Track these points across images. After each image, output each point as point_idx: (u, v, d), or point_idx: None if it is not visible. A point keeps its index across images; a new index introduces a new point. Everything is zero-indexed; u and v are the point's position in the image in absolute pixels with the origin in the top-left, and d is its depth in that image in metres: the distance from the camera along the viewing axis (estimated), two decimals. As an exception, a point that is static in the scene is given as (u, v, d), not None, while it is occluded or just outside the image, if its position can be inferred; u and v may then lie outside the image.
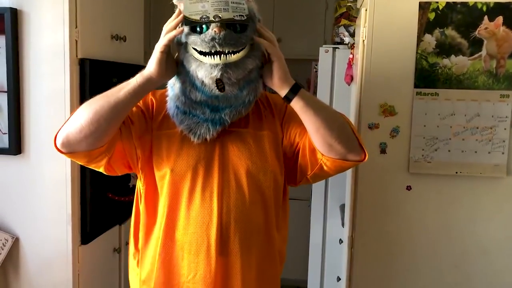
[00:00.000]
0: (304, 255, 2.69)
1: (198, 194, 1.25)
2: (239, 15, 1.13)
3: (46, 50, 1.85)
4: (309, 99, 1.20)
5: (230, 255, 1.26)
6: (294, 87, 1.19)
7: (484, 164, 1.71)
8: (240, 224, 1.26)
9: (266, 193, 1.29)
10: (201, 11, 1.13)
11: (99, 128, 1.15)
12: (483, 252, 1.76)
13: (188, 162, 1.25)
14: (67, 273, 1.93)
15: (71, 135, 1.17)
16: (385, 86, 1.73)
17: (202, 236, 1.25)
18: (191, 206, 1.25)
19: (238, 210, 1.25)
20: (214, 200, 1.24)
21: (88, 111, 1.15)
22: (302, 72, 3.92)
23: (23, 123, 1.88)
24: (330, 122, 1.20)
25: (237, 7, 1.15)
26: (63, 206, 1.89)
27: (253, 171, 1.26)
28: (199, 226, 1.25)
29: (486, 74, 1.68)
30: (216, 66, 1.14)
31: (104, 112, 1.14)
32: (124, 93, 1.15)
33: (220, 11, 1.13)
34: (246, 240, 1.27)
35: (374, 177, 1.77)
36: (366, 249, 1.81)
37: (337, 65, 2.38)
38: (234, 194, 1.25)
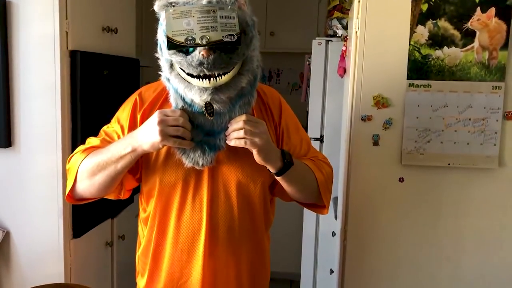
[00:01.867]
0: (297, 249, 2.70)
1: (188, 205, 1.25)
2: (228, 34, 1.01)
3: (36, 41, 1.82)
4: (290, 178, 1.23)
5: (219, 262, 1.27)
6: (281, 170, 1.20)
7: (477, 156, 1.71)
8: (229, 232, 1.26)
9: (256, 202, 1.29)
10: (186, 30, 1.01)
11: (107, 189, 1.25)
12: (475, 243, 1.77)
13: (177, 173, 1.24)
14: (58, 266, 1.91)
15: (84, 196, 1.29)
16: (378, 78, 1.73)
17: (193, 244, 1.26)
18: (181, 217, 1.26)
19: (227, 219, 1.26)
20: (204, 210, 1.24)
21: (93, 181, 1.22)
22: (295, 65, 3.93)
23: (13, 116, 1.86)
24: (302, 191, 1.29)
25: (227, 23, 1.03)
26: (54, 199, 1.87)
27: (243, 181, 1.25)
28: (190, 235, 1.26)
29: (478, 65, 1.68)
30: (205, 89, 1.09)
31: (107, 181, 1.21)
32: (121, 166, 1.18)
33: (208, 30, 1.01)
34: (236, 248, 1.28)
35: (367, 169, 1.77)
36: (359, 241, 1.82)
37: (330, 57, 2.38)
38: (223, 204, 1.25)
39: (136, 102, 1.27)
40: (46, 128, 1.85)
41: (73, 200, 1.31)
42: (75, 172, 1.24)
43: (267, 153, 1.16)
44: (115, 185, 1.25)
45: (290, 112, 1.35)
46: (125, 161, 1.17)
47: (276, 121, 1.30)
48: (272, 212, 1.39)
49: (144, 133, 1.13)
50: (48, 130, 1.84)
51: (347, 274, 1.84)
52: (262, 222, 1.33)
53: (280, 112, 1.31)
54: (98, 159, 1.20)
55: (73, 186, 1.26)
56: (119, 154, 1.17)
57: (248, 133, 1.12)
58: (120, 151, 1.17)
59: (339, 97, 2.26)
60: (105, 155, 1.19)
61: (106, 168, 1.18)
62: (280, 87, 4.11)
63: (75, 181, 1.25)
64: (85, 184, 1.24)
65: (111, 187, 1.24)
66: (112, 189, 1.27)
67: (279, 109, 1.31)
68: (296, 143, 1.31)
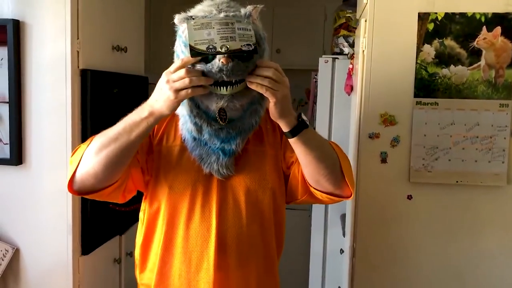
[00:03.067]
0: (305, 266, 2.69)
1: (197, 212, 1.25)
2: (246, 44, 1.07)
3: (48, 61, 1.85)
4: (306, 140, 1.18)
5: (229, 271, 1.26)
6: (295, 128, 1.16)
7: (485, 173, 1.71)
8: (238, 241, 1.26)
9: (265, 210, 1.29)
10: (207, 39, 1.07)
11: (113, 171, 1.17)
12: (485, 261, 1.76)
13: (186, 180, 1.25)
14: (67, 283, 1.92)
15: (87, 181, 1.19)
16: (385, 96, 1.74)
17: (202, 253, 1.25)
18: (190, 224, 1.25)
19: (236, 227, 1.26)
20: (213, 218, 1.24)
21: (100, 157, 1.15)
22: (302, 82, 3.94)
23: (25, 134, 1.89)
24: (321, 161, 1.21)
25: (244, 34, 1.09)
26: (63, 216, 1.88)
27: (252, 189, 1.26)
28: (199, 244, 1.25)
29: (485, 83, 1.70)
30: (222, 97, 1.13)
31: (116, 156, 1.14)
32: (135, 135, 1.13)
33: (227, 40, 1.07)
34: (245, 257, 1.28)
35: (375, 187, 1.78)
36: (368, 258, 1.81)
37: (336, 75, 2.39)
38: (232, 212, 1.25)
39: None
40: (56, 146, 1.87)
41: (74, 190, 1.23)
42: (80, 155, 1.19)
43: (284, 108, 1.14)
44: (125, 164, 1.18)
45: None
46: (140, 129, 1.12)
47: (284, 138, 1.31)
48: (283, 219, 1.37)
49: (158, 97, 1.11)
50: (59, 148, 1.86)
51: (355, 291, 1.83)
52: (272, 231, 1.32)
53: None
54: (108, 133, 1.16)
55: (75, 171, 1.19)
56: (134, 121, 1.13)
57: (272, 83, 1.10)
58: (135, 119, 1.13)
59: (346, 114, 2.27)
60: (118, 127, 1.15)
61: (118, 140, 1.13)
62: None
63: (78, 164, 1.18)
64: (92, 163, 1.16)
65: (120, 165, 1.17)
66: (120, 171, 1.19)
67: None
68: None
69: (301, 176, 1.29)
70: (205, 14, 1.14)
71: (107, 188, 1.22)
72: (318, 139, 1.23)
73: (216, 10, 1.14)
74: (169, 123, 1.31)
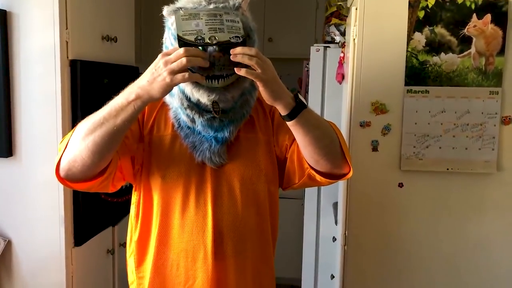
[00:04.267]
0: (298, 254, 2.70)
1: (192, 201, 1.24)
2: (235, 36, 1.06)
3: (37, 51, 1.84)
4: (305, 121, 1.14)
5: (226, 259, 1.26)
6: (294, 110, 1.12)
7: (475, 161, 1.72)
8: (234, 229, 1.26)
9: (260, 196, 1.29)
10: (195, 30, 1.06)
11: (101, 156, 1.11)
12: (475, 247, 1.78)
13: (179, 169, 1.24)
14: (60, 275, 1.92)
15: (74, 168, 1.13)
16: (376, 84, 1.74)
17: (199, 243, 1.24)
18: (185, 214, 1.24)
19: (232, 215, 1.25)
20: (209, 206, 1.24)
21: (86, 143, 1.09)
22: (294, 71, 3.94)
23: (14, 125, 1.87)
24: (320, 140, 1.18)
25: (232, 26, 1.08)
26: (55, 207, 1.88)
27: (246, 176, 1.26)
28: (194, 233, 1.24)
29: (475, 71, 1.70)
30: (214, 90, 1.13)
31: (104, 142, 1.08)
32: (122, 120, 1.07)
33: (216, 31, 1.06)
34: (241, 244, 1.27)
35: (366, 175, 1.78)
36: (360, 246, 1.83)
37: (328, 64, 2.39)
38: (227, 199, 1.25)
39: None
40: (47, 137, 1.86)
41: (61, 178, 1.16)
42: (67, 140, 1.14)
43: (275, 89, 1.09)
44: (111, 150, 1.12)
45: None
46: (127, 114, 1.06)
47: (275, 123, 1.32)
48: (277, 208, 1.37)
49: (150, 79, 1.04)
50: (49, 139, 1.85)
51: (348, 279, 1.85)
52: (267, 217, 1.32)
53: (274, 109, 1.31)
54: (94, 118, 1.10)
55: (62, 156, 1.13)
56: (120, 105, 1.07)
57: (258, 63, 1.05)
58: (121, 102, 1.07)
59: (338, 102, 2.27)
60: (103, 111, 1.09)
61: (103, 124, 1.07)
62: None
63: (65, 149, 1.13)
64: (78, 148, 1.10)
65: (106, 151, 1.11)
66: (107, 158, 1.13)
67: (273, 108, 1.31)
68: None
69: (297, 159, 1.28)
70: (195, 6, 1.14)
71: (96, 180, 1.17)
72: (316, 118, 1.19)
73: (206, 1, 1.14)
74: (159, 112, 1.29)
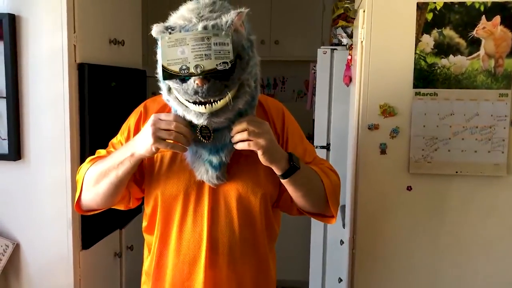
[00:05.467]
0: (305, 257, 2.70)
1: (190, 218, 1.25)
2: (222, 62, 1.02)
3: (45, 55, 1.84)
4: (296, 181, 1.21)
5: (221, 275, 1.27)
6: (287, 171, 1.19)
7: (484, 163, 1.71)
8: (230, 246, 1.27)
9: (256, 216, 1.28)
10: (180, 58, 1.02)
11: (110, 198, 1.26)
12: (484, 251, 1.76)
13: (178, 186, 1.25)
14: (68, 278, 1.92)
15: (90, 206, 1.31)
16: (384, 87, 1.74)
17: (194, 256, 1.26)
18: (183, 229, 1.26)
19: (228, 232, 1.26)
20: (205, 224, 1.25)
21: (96, 189, 1.24)
22: (301, 73, 3.94)
23: (23, 129, 1.88)
24: (308, 196, 1.27)
25: (221, 50, 1.03)
26: (63, 211, 1.88)
27: (243, 195, 1.25)
28: (191, 248, 1.26)
29: (484, 73, 1.69)
30: (201, 114, 1.11)
31: (110, 190, 1.23)
32: (122, 172, 1.19)
33: (202, 58, 1.02)
34: (237, 261, 1.28)
35: (375, 178, 1.77)
36: (368, 250, 1.81)
37: (335, 66, 2.39)
38: (223, 217, 1.26)
39: (141, 114, 1.31)
40: (55, 140, 1.86)
41: (81, 211, 1.33)
42: (81, 181, 1.28)
43: (272, 153, 1.16)
44: (119, 194, 1.26)
45: (294, 123, 1.36)
46: (125, 167, 1.18)
47: (278, 133, 1.31)
48: (277, 224, 1.38)
49: (140, 137, 1.16)
50: (57, 142, 1.86)
51: (356, 282, 1.84)
52: (264, 236, 1.32)
53: (282, 123, 1.32)
54: (101, 167, 1.23)
55: (80, 195, 1.29)
56: (119, 159, 1.19)
57: (251, 134, 1.12)
58: (120, 157, 1.19)
59: (345, 105, 2.27)
60: (107, 161, 1.22)
61: (108, 175, 1.20)
62: (285, 95, 4.12)
63: (81, 190, 1.28)
64: (91, 193, 1.26)
65: (115, 195, 1.25)
66: (117, 198, 1.28)
67: (282, 121, 1.32)
68: (300, 154, 1.30)
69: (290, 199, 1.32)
70: (185, 24, 1.08)
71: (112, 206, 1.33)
72: (307, 178, 1.26)
73: (196, 18, 1.08)
74: None
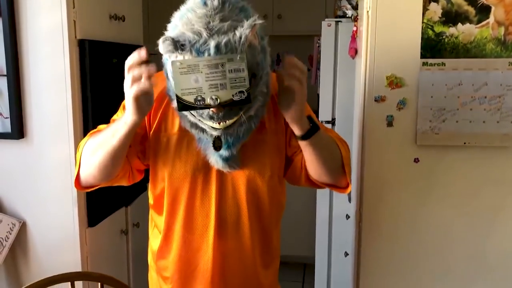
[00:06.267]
0: (311, 232, 2.70)
1: (197, 201, 1.25)
2: (238, 92, 0.99)
3: (44, 31, 1.81)
4: (315, 143, 1.17)
5: (229, 254, 1.29)
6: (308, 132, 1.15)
7: (493, 134, 1.68)
8: (237, 227, 1.27)
9: (264, 197, 1.28)
10: (195, 88, 0.99)
11: (108, 171, 1.21)
12: (493, 223, 1.75)
13: (186, 169, 1.23)
14: (75, 255, 1.93)
15: (89, 180, 1.25)
16: (390, 58, 1.70)
17: (201, 238, 1.27)
18: (190, 212, 1.26)
19: (235, 213, 1.26)
20: (212, 205, 1.25)
21: (93, 161, 1.19)
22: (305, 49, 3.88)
23: (25, 107, 1.86)
24: (326, 160, 1.22)
25: (236, 78, 0.99)
26: (68, 188, 1.88)
27: (251, 178, 1.25)
28: (198, 229, 1.27)
29: (494, 41, 1.64)
30: (215, 129, 1.10)
31: (107, 160, 1.17)
32: (117, 140, 1.14)
33: (217, 88, 0.99)
34: (245, 241, 1.29)
35: (381, 151, 1.75)
36: (374, 223, 1.81)
37: (340, 39, 2.35)
38: (231, 199, 1.26)
39: None
40: (57, 118, 1.85)
41: (80, 187, 1.29)
42: (80, 154, 1.24)
43: (302, 111, 1.12)
44: (116, 166, 1.21)
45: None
46: (120, 135, 1.12)
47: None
48: (283, 196, 1.37)
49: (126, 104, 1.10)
50: (60, 120, 1.85)
51: (363, 256, 1.84)
52: (271, 211, 1.32)
53: None
54: (97, 139, 1.20)
55: (79, 171, 1.25)
56: (114, 129, 1.15)
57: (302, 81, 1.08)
58: (114, 126, 1.15)
59: (350, 78, 2.23)
60: (104, 133, 1.19)
61: (103, 146, 1.16)
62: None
63: (79, 165, 1.24)
64: (88, 167, 1.22)
65: (112, 167, 1.20)
66: (115, 171, 1.22)
67: None
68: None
69: (304, 168, 1.29)
70: (194, 39, 0.99)
71: (112, 181, 1.27)
72: (326, 140, 1.22)
73: (206, 31, 0.99)
74: (165, 111, 1.26)
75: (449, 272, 1.79)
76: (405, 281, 1.82)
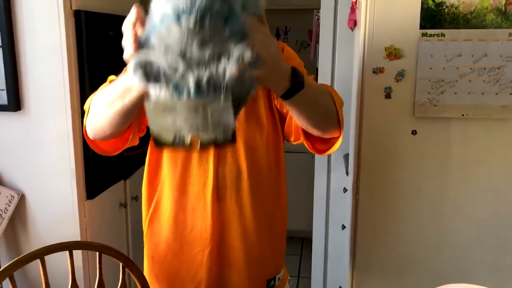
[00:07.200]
0: (309, 207, 2.71)
1: (195, 157, 1.26)
2: (223, 130, 0.84)
3: (40, 2, 1.79)
4: (299, 101, 1.03)
5: (226, 214, 1.28)
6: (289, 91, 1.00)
7: (491, 106, 1.67)
8: (237, 184, 1.27)
9: (263, 153, 1.28)
10: (173, 127, 0.85)
11: (119, 128, 1.12)
12: (491, 195, 1.75)
13: None
14: (74, 227, 1.95)
15: (98, 134, 1.16)
16: (389, 29, 1.68)
17: (199, 196, 1.27)
18: (188, 169, 1.27)
19: (234, 172, 1.26)
20: (210, 162, 1.25)
21: (103, 118, 1.09)
22: (304, 22, 3.84)
23: (21, 79, 1.85)
24: (314, 115, 1.11)
25: (220, 121, 0.83)
26: (66, 161, 1.88)
27: (249, 133, 1.25)
28: (196, 187, 1.27)
29: (494, 12, 1.62)
30: None
31: (118, 118, 1.07)
32: (130, 102, 0.99)
33: (197, 130, 0.84)
34: (243, 203, 1.29)
35: (379, 123, 1.75)
36: (371, 195, 1.81)
37: (339, 11, 2.31)
38: (230, 156, 1.26)
39: None
40: (54, 90, 1.84)
41: (89, 139, 1.21)
42: (88, 104, 1.17)
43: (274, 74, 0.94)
44: (127, 121, 1.11)
45: (294, 55, 1.33)
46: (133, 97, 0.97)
47: None
48: (282, 158, 1.37)
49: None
50: (57, 92, 1.84)
51: (359, 228, 1.85)
52: (270, 178, 1.32)
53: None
54: (106, 96, 1.07)
55: (86, 124, 1.18)
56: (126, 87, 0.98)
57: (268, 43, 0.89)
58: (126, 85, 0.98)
59: (350, 52, 2.21)
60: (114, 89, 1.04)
61: (114, 104, 1.03)
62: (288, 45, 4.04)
63: (87, 117, 1.17)
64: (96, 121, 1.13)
65: (123, 123, 1.10)
66: (125, 126, 1.13)
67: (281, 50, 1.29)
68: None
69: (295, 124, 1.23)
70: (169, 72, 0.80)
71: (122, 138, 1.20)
72: (313, 94, 1.08)
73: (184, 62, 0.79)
74: None
75: (446, 242, 1.80)
76: (401, 252, 1.83)
